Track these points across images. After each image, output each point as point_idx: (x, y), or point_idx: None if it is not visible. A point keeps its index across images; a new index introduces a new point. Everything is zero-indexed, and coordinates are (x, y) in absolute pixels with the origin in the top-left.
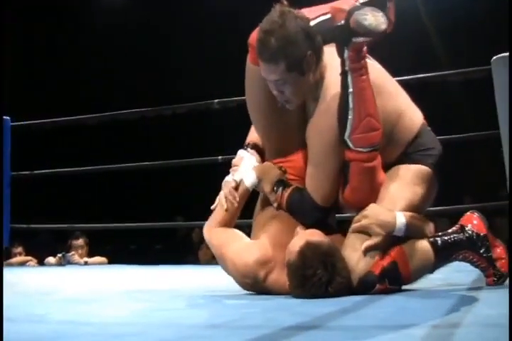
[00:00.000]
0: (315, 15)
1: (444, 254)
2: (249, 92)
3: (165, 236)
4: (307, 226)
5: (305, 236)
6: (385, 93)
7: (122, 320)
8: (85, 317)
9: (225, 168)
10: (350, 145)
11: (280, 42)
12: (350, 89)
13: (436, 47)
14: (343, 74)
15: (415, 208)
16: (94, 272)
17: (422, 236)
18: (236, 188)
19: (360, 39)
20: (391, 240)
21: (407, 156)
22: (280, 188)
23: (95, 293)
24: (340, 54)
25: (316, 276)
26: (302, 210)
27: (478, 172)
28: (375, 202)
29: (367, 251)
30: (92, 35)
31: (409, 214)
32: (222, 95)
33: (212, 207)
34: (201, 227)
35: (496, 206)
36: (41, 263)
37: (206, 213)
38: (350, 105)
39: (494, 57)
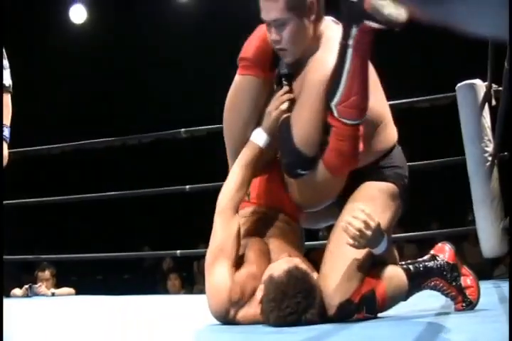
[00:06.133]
0: None
1: (416, 282)
2: (235, 101)
3: (132, 266)
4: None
5: (294, 261)
6: (378, 93)
7: None
8: None
9: (193, 197)
10: (335, 113)
11: None
12: (348, 64)
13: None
14: (343, 45)
15: (386, 233)
16: (61, 303)
17: (393, 261)
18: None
19: (375, 25)
20: (369, 264)
21: (379, 171)
22: None
23: (61, 326)
24: (346, 29)
25: (297, 298)
26: (284, 143)
27: (446, 198)
28: (353, 169)
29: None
30: (57, 62)
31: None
32: (188, 124)
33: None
34: (171, 256)
35: (463, 231)
36: (7, 295)
37: (173, 242)
38: (344, 78)
39: (459, 84)
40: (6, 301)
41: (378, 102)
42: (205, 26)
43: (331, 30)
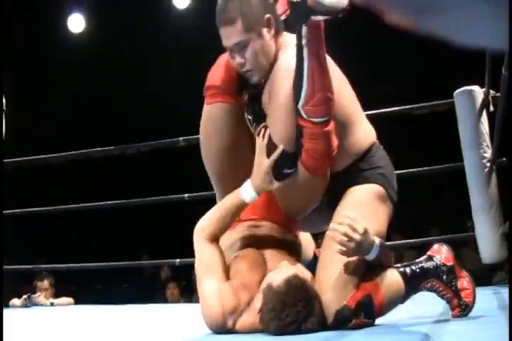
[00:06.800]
0: None
1: (413, 284)
2: (210, 129)
3: (132, 275)
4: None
5: (293, 269)
6: (346, 93)
7: None
8: None
9: (192, 206)
10: (303, 115)
11: (236, 4)
12: (306, 63)
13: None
14: (299, 47)
15: (379, 236)
16: (60, 313)
17: (389, 263)
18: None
19: (319, 17)
20: (364, 269)
21: (360, 174)
22: None
23: (60, 336)
24: (298, 30)
25: (297, 307)
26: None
27: (445, 204)
28: (331, 168)
29: (345, 271)
30: (56, 71)
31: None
32: (187, 133)
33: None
34: (168, 265)
35: (462, 237)
36: (6, 305)
37: (172, 251)
38: (305, 78)
39: (457, 91)
40: (5, 311)
41: (345, 102)
42: (204, 35)
43: (289, 38)
